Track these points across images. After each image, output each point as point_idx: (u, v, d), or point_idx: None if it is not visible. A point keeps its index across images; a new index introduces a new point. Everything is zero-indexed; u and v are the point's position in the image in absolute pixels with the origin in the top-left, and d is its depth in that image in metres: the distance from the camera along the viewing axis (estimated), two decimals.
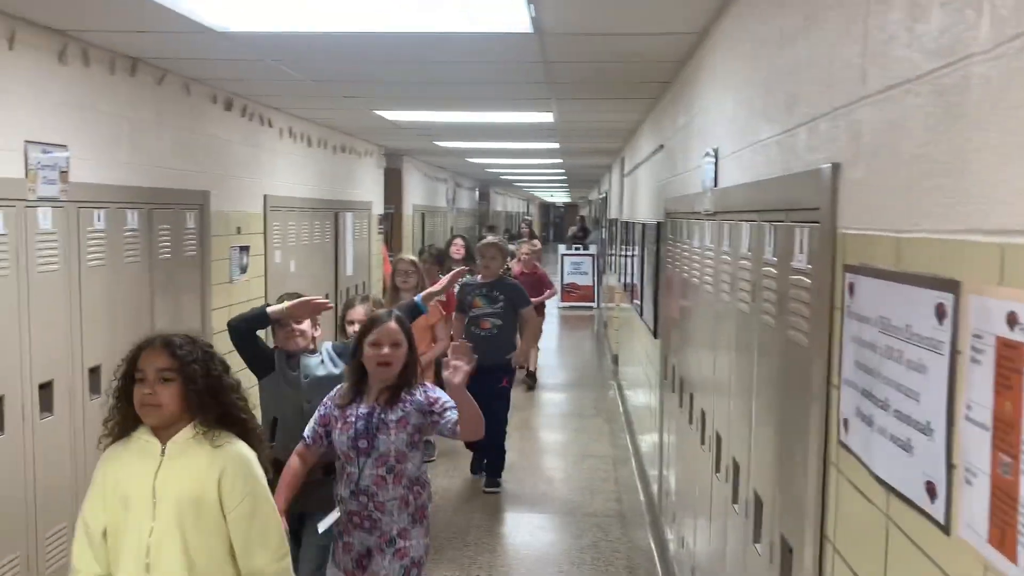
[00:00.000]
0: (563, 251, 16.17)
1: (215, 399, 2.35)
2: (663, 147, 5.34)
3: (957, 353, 1.24)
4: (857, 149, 1.72)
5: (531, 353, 8.49)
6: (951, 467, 1.25)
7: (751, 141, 2.72)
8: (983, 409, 1.16)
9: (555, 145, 9.78)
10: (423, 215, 13.40)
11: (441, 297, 5.28)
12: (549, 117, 7.04)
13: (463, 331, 5.78)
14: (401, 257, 5.84)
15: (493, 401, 5.39)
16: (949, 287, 1.27)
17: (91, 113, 4.20)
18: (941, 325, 1.29)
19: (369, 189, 9.87)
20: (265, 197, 6.50)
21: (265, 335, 3.88)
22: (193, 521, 2.29)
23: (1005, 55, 1.16)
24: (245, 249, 6.11)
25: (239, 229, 6.00)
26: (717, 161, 3.27)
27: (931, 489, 1.31)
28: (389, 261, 7.42)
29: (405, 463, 3.08)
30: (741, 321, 2.69)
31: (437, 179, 14.65)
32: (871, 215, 1.64)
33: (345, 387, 3.23)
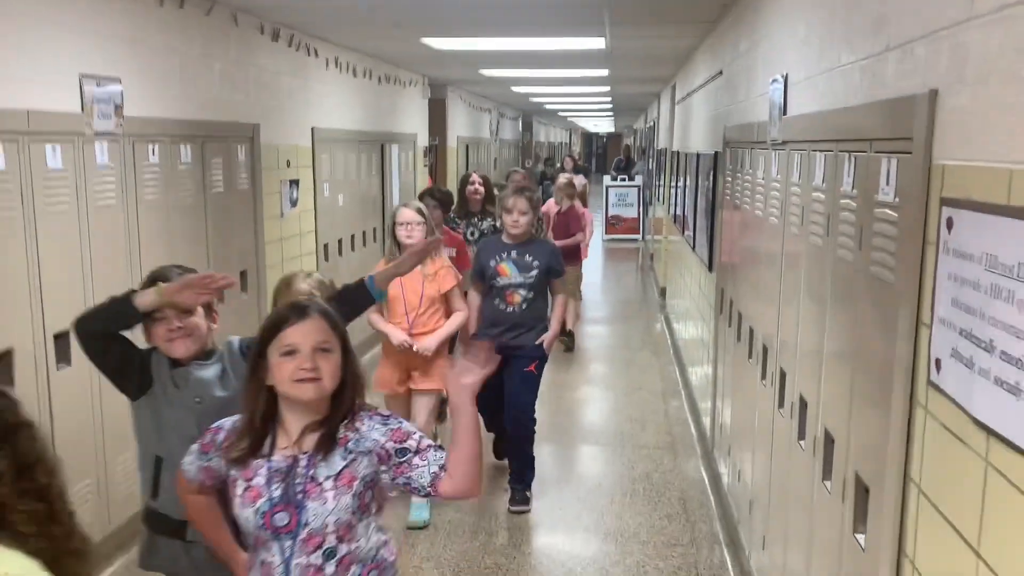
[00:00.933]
0: (608, 182, 15.91)
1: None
2: (722, 73, 5.17)
3: None
4: (961, 75, 1.61)
5: (570, 310, 6.79)
6: None
7: (827, 67, 2.59)
8: None
9: (604, 72, 9.55)
10: (467, 146, 13.27)
11: (443, 257, 4.23)
12: (601, 43, 6.85)
13: (483, 306, 4.46)
14: (404, 205, 4.23)
15: (517, 386, 4.40)
16: None
17: (142, 47, 4.16)
18: None
19: (414, 120, 9.77)
20: (313, 130, 6.46)
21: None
22: None
23: None
24: (295, 183, 6.10)
25: (288, 162, 5.98)
26: (786, 88, 3.13)
27: None
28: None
29: (354, 541, 1.94)
30: (812, 256, 2.61)
31: (481, 109, 14.46)
32: (975, 146, 1.54)
33: (240, 426, 1.97)
